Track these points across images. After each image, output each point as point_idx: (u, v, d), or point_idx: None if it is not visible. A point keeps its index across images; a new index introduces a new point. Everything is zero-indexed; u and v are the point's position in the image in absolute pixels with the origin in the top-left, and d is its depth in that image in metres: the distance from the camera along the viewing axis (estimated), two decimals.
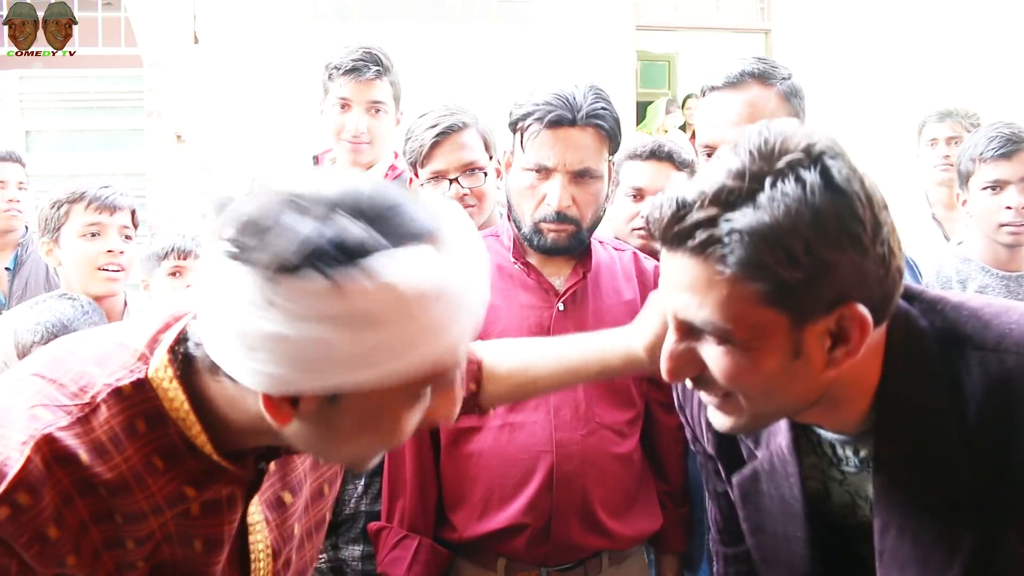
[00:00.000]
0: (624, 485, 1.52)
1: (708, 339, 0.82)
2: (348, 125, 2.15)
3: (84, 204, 1.89)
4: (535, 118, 1.43)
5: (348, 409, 0.75)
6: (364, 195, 0.71)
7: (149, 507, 0.79)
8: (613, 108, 1.47)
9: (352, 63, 2.12)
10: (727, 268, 0.76)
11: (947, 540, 0.85)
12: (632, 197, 1.97)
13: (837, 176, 0.77)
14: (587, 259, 1.54)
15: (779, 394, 0.84)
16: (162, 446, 0.80)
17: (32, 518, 0.72)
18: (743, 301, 0.77)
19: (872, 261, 0.78)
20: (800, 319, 0.79)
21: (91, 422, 0.77)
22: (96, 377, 0.79)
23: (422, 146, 1.79)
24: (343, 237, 0.68)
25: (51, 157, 5.88)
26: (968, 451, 0.83)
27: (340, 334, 0.68)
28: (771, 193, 0.75)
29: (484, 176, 1.81)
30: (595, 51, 6.21)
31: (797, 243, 0.74)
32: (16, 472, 0.72)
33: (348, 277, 0.67)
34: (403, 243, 0.70)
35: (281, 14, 5.99)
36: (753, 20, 6.78)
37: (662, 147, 1.99)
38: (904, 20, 6.37)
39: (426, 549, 1.50)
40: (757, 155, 0.77)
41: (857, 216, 0.76)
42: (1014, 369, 0.82)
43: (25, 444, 0.73)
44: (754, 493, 1.04)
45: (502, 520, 1.46)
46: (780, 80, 1.53)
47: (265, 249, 0.67)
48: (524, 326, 1.49)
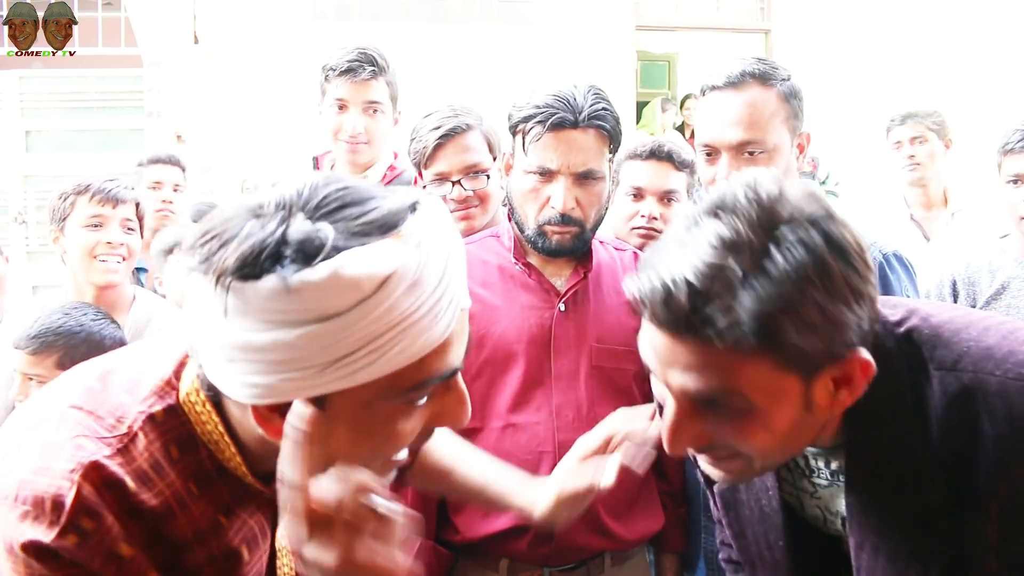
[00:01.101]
0: (626, 486, 1.51)
1: (720, 412, 0.81)
2: (345, 126, 2.15)
3: (88, 196, 1.93)
4: (536, 121, 1.42)
5: (339, 415, 0.73)
6: (324, 193, 0.71)
7: (192, 533, 0.79)
8: (613, 108, 1.47)
9: (347, 64, 2.12)
10: (744, 349, 0.75)
11: (920, 557, 0.86)
12: (632, 197, 1.97)
13: (835, 234, 0.77)
14: (588, 259, 1.54)
15: (791, 446, 0.86)
16: (195, 472, 0.80)
17: (100, 540, 0.73)
18: (759, 373, 0.77)
19: (868, 305, 0.79)
20: (811, 375, 0.79)
21: (131, 452, 0.77)
22: (129, 406, 0.80)
23: (425, 147, 1.79)
24: (299, 238, 0.67)
25: (51, 157, 5.88)
26: (934, 469, 0.84)
27: (307, 336, 0.67)
28: (778, 264, 0.73)
29: (487, 178, 1.81)
30: (595, 51, 6.21)
31: (811, 310, 0.74)
32: (72, 499, 0.73)
33: (306, 277, 0.66)
34: (363, 238, 0.69)
35: (281, 14, 6.00)
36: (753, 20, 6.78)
37: (662, 147, 1.99)
38: (904, 20, 6.37)
39: (427, 551, 1.49)
40: (754, 219, 0.75)
41: (855, 267, 0.77)
42: (972, 388, 0.83)
43: (74, 472, 0.74)
44: (734, 502, 1.06)
45: (504, 521, 1.45)
46: (780, 81, 1.53)
47: (225, 258, 0.67)
48: (525, 326, 1.49)
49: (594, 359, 1.50)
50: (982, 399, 0.83)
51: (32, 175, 5.88)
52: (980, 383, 0.83)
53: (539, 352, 1.49)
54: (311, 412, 0.70)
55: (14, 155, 5.88)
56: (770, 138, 1.50)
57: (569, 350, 1.49)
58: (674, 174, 1.96)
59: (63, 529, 0.72)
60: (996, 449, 0.81)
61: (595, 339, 1.50)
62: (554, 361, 1.49)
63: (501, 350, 1.48)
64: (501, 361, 1.48)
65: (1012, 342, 0.85)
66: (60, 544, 0.72)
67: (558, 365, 1.49)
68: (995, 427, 0.82)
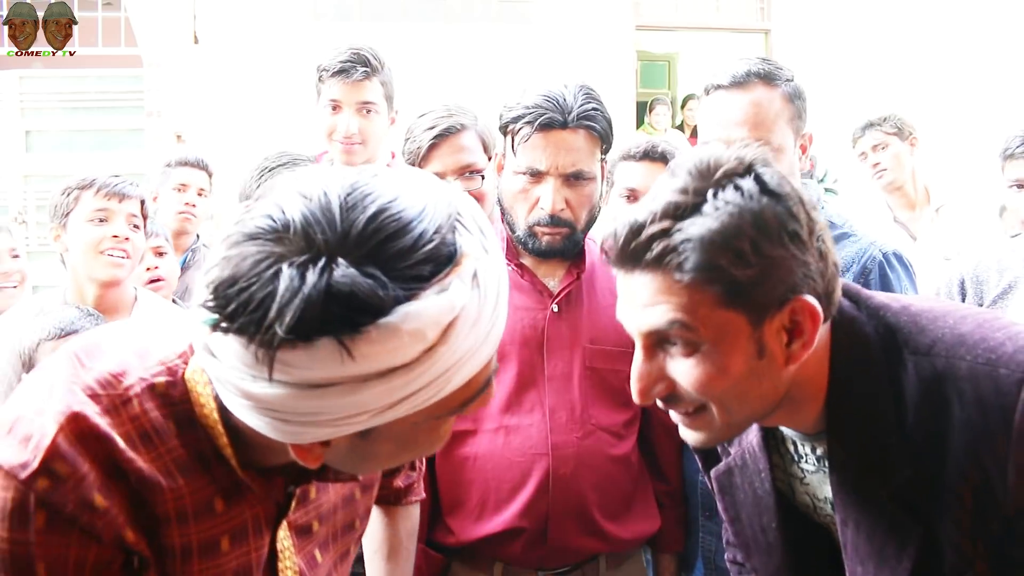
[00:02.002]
0: (621, 487, 1.52)
1: (676, 353, 0.86)
2: (339, 127, 2.14)
3: (94, 190, 1.90)
4: (525, 121, 1.42)
5: (382, 438, 0.71)
6: (358, 221, 0.63)
7: (175, 511, 0.77)
8: (604, 108, 1.47)
9: (340, 64, 2.11)
10: (685, 275, 0.81)
11: (896, 535, 0.90)
12: (626, 198, 1.97)
13: (770, 181, 0.84)
14: (581, 260, 1.53)
15: (750, 396, 0.88)
16: (195, 451, 0.78)
17: (74, 486, 0.71)
18: (704, 305, 0.82)
19: (812, 255, 0.84)
20: (757, 317, 0.84)
21: (121, 412, 0.76)
22: (134, 369, 0.78)
23: (420, 148, 1.78)
24: (350, 292, 0.60)
25: (51, 157, 5.88)
26: (907, 451, 0.88)
27: (364, 391, 0.63)
28: (714, 202, 0.82)
29: (482, 179, 1.81)
30: (595, 51, 6.21)
31: (744, 243, 0.81)
32: (49, 443, 0.72)
33: (365, 338, 0.61)
34: (421, 283, 0.63)
35: (281, 14, 6.00)
36: (753, 20, 6.78)
37: (655, 148, 1.99)
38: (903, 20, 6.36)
39: (418, 554, 1.48)
40: (696, 172, 0.84)
41: (794, 214, 0.83)
42: (944, 373, 0.87)
43: (60, 413, 0.73)
44: (729, 486, 1.09)
45: (499, 524, 1.45)
46: (784, 81, 1.54)
47: (265, 322, 0.60)
48: (518, 328, 1.49)
49: (587, 360, 1.49)
50: (953, 383, 0.86)
51: (32, 175, 5.89)
52: (951, 368, 0.87)
53: (532, 353, 1.48)
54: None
55: (14, 155, 5.89)
56: (775, 138, 1.51)
57: (562, 351, 1.49)
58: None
59: (36, 471, 0.71)
60: (965, 433, 0.85)
61: (588, 340, 1.50)
62: (547, 362, 1.48)
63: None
64: None
65: (986, 329, 0.88)
66: (31, 485, 0.70)
67: (551, 366, 1.48)
68: (964, 411, 0.85)
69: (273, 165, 1.77)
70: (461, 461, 1.48)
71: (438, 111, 1.82)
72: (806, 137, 1.59)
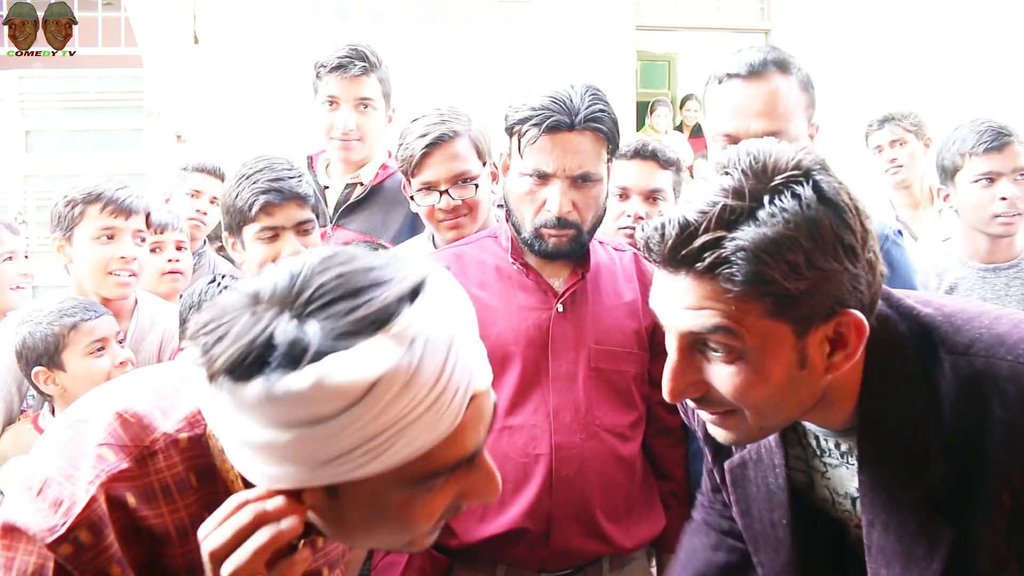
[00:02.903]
0: (625, 490, 1.51)
1: (716, 359, 0.84)
2: (336, 123, 2.14)
3: (100, 206, 1.85)
4: (532, 123, 1.41)
5: (350, 503, 0.73)
6: (319, 283, 0.68)
7: (184, 565, 0.80)
8: (611, 109, 1.46)
9: (337, 60, 2.10)
10: (735, 286, 0.79)
11: (927, 536, 0.88)
12: (618, 196, 1.97)
13: (828, 189, 0.81)
14: (586, 260, 1.53)
15: (787, 404, 0.87)
16: (210, 503, 0.80)
17: (94, 556, 0.75)
18: (751, 314, 0.80)
19: (863, 267, 0.82)
20: (803, 328, 0.82)
21: (147, 466, 0.79)
22: (158, 424, 0.81)
23: (412, 156, 1.76)
24: (285, 339, 0.65)
25: (51, 157, 5.88)
26: (943, 451, 0.87)
27: (298, 438, 0.66)
28: (770, 209, 0.79)
29: (476, 187, 1.79)
30: (595, 51, 6.21)
31: (799, 255, 0.78)
32: (80, 511, 0.75)
33: (290, 385, 0.64)
34: (350, 339, 0.65)
35: (281, 14, 5.99)
36: (753, 20, 6.78)
37: (646, 146, 1.99)
38: (903, 20, 6.36)
39: (421, 555, 1.48)
40: (751, 173, 0.81)
41: (849, 225, 0.81)
42: (983, 372, 0.86)
43: (91, 483, 0.76)
44: (742, 479, 1.08)
45: (502, 524, 1.44)
46: (797, 69, 1.52)
47: (216, 358, 0.67)
48: (523, 327, 1.48)
49: (592, 360, 1.49)
50: (993, 383, 0.85)
51: (32, 175, 5.88)
52: (992, 368, 0.85)
53: (536, 353, 1.48)
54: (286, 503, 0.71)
55: (14, 155, 5.88)
56: (793, 128, 1.49)
57: (567, 351, 1.49)
58: (659, 173, 1.97)
59: (62, 537, 0.74)
60: (1007, 433, 0.83)
61: (593, 340, 1.49)
62: (551, 362, 1.48)
63: (498, 351, 1.46)
64: (497, 362, 1.46)
65: (1022, 330, 0.88)
66: (55, 550, 0.74)
67: (555, 366, 1.48)
68: (1007, 411, 0.84)
69: (251, 172, 1.72)
70: None
71: (430, 117, 1.79)
72: (814, 127, 1.58)
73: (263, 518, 0.71)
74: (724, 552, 1.22)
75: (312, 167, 2.31)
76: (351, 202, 2.19)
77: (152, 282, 2.30)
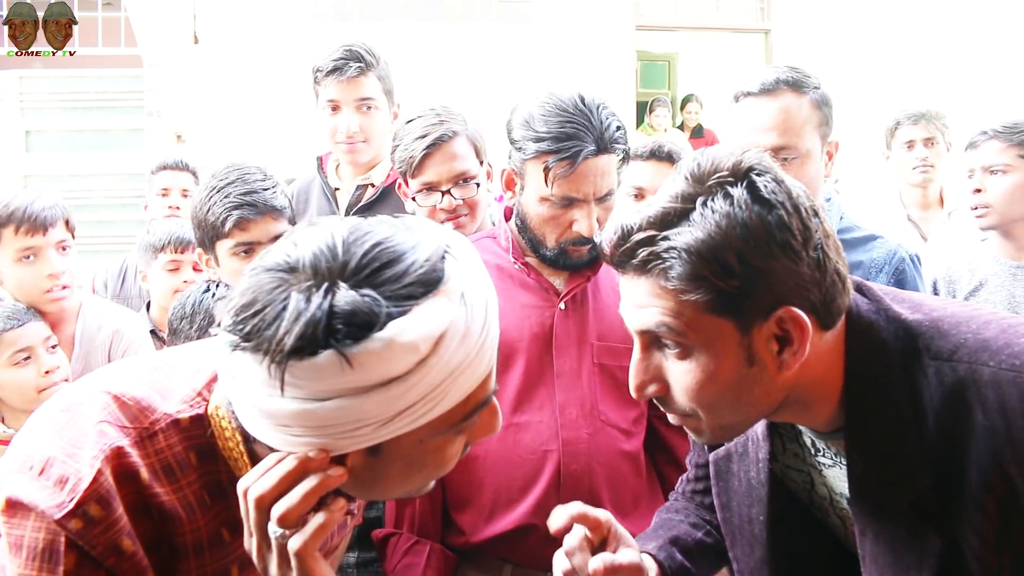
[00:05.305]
0: (631, 484, 1.51)
1: (670, 355, 0.88)
2: (340, 127, 2.11)
3: (14, 228, 1.77)
4: (563, 157, 1.39)
5: (392, 456, 0.77)
6: (359, 253, 0.72)
7: (192, 543, 0.82)
8: (620, 119, 1.47)
9: (333, 63, 2.08)
10: (670, 283, 0.82)
11: (917, 546, 0.88)
12: (633, 197, 1.98)
13: (763, 190, 0.82)
14: (595, 261, 1.53)
15: (744, 403, 0.89)
16: (210, 482, 0.83)
17: (104, 530, 0.76)
18: (691, 310, 0.83)
19: (806, 266, 0.83)
20: (745, 325, 0.84)
21: (148, 446, 0.81)
22: (158, 405, 0.83)
23: (412, 157, 1.75)
24: (350, 309, 0.69)
25: (51, 157, 5.89)
26: (928, 459, 0.86)
27: (366, 401, 0.70)
28: (702, 211, 0.82)
29: (476, 186, 1.79)
30: (595, 51, 6.22)
31: (730, 255, 0.80)
32: (88, 485, 0.76)
33: (365, 348, 0.68)
34: (411, 301, 0.71)
35: (281, 14, 6.00)
36: (753, 20, 6.79)
37: (662, 147, 2.00)
38: (903, 20, 6.37)
39: (437, 555, 1.48)
40: (691, 178, 0.84)
41: (785, 224, 0.82)
42: (966, 378, 0.85)
43: (95, 458, 0.78)
44: (726, 472, 1.09)
45: (510, 521, 1.44)
46: (812, 89, 1.59)
47: (277, 338, 0.68)
48: (526, 326, 1.49)
49: (596, 356, 1.49)
50: (976, 390, 0.84)
51: (32, 175, 5.89)
52: (974, 374, 0.84)
53: (540, 351, 1.48)
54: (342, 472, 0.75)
55: (14, 155, 5.89)
56: (802, 143, 1.56)
57: (571, 348, 1.49)
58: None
59: (71, 512, 0.75)
60: (989, 440, 0.82)
61: (596, 336, 1.50)
62: (556, 359, 1.48)
63: (503, 349, 1.45)
64: (502, 360, 1.47)
65: (1010, 335, 0.86)
66: (65, 525, 0.75)
67: (560, 363, 1.48)
68: (988, 418, 0.83)
69: (222, 185, 1.66)
70: (471, 460, 1.47)
71: (427, 118, 1.78)
72: (832, 144, 1.64)
73: (309, 466, 0.74)
74: (702, 533, 1.22)
75: (322, 168, 2.29)
76: (363, 204, 2.16)
77: (167, 299, 2.29)
